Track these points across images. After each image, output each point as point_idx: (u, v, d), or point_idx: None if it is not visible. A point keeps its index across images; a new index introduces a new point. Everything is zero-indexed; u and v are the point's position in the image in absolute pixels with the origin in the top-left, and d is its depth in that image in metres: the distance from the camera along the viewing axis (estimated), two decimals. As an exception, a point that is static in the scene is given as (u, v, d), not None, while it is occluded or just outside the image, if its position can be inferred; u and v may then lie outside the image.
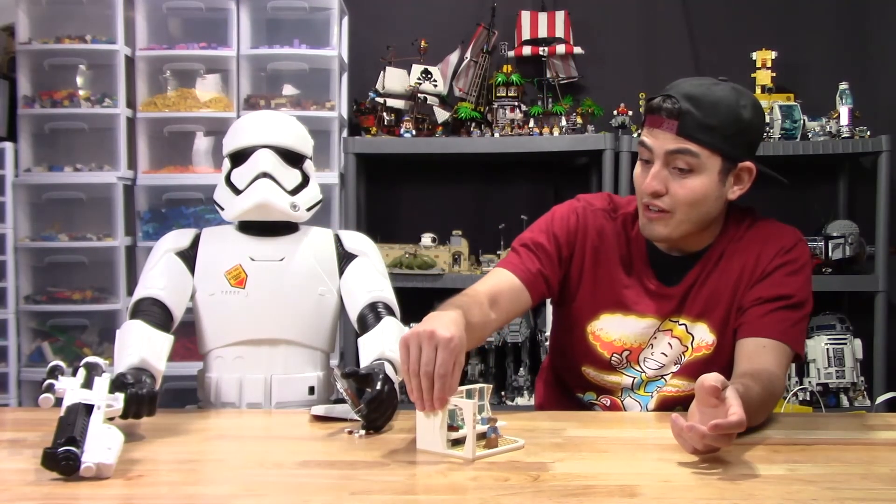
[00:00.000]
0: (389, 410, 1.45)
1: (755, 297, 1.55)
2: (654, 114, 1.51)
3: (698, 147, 1.48)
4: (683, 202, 1.51)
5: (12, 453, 1.29)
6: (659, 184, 1.51)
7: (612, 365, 1.64)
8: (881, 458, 1.26)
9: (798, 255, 1.58)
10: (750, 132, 1.53)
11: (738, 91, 1.52)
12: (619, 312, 1.62)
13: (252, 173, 1.72)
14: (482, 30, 3.23)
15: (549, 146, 3.00)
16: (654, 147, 1.51)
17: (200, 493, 1.13)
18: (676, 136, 1.48)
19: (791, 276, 1.55)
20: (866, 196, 3.11)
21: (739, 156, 1.52)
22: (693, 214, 1.53)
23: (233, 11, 3.05)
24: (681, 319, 1.61)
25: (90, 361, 1.33)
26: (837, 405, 2.98)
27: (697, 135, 1.47)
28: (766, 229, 1.62)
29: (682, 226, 1.54)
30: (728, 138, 1.49)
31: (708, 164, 1.49)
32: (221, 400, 1.72)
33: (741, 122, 1.50)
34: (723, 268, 1.59)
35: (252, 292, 1.72)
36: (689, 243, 1.61)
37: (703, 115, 1.47)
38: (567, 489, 1.09)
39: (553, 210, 1.69)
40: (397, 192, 3.41)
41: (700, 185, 1.50)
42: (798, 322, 1.54)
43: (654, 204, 1.53)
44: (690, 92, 1.49)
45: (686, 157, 1.48)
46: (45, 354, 2.99)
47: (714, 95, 1.49)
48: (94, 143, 3.05)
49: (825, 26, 3.32)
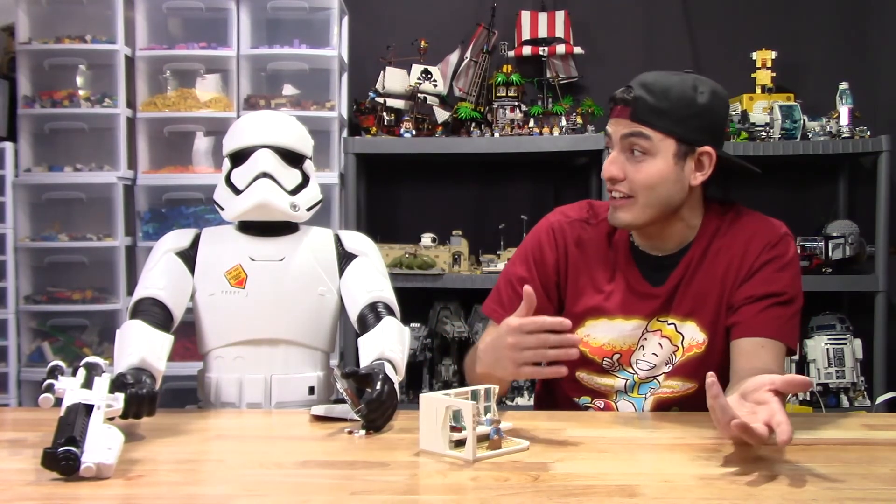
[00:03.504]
0: (389, 410, 1.44)
1: (746, 296, 1.55)
2: (613, 104, 1.56)
3: (650, 130, 1.51)
4: (641, 186, 1.53)
5: (12, 453, 1.29)
6: (616, 169, 1.54)
7: (605, 368, 1.64)
8: (881, 458, 1.26)
9: (785, 250, 1.58)
10: (706, 117, 1.54)
11: (697, 79, 1.55)
12: (603, 317, 1.63)
13: (252, 173, 1.72)
14: (482, 30, 3.23)
15: (549, 146, 3.00)
16: (612, 134, 1.56)
17: (200, 493, 1.13)
18: (630, 122, 1.52)
19: (780, 272, 1.56)
20: (866, 196, 3.11)
21: (696, 140, 1.53)
22: (653, 198, 1.54)
23: (233, 11, 3.05)
24: (669, 319, 1.61)
25: (90, 361, 1.33)
26: (837, 405, 2.99)
27: (648, 118, 1.51)
28: (751, 224, 1.61)
29: (646, 210, 1.55)
30: (681, 121, 1.51)
31: (661, 147, 1.51)
32: (221, 400, 1.72)
33: (694, 105, 1.52)
34: (708, 265, 1.59)
35: (252, 292, 1.72)
36: (667, 238, 1.61)
37: (654, 99, 1.51)
38: (567, 489, 1.09)
39: (531, 232, 1.74)
40: (397, 192, 3.41)
41: (655, 169, 1.52)
42: (791, 318, 1.55)
43: (616, 189, 1.56)
44: (645, 80, 1.54)
45: (639, 140, 1.52)
46: (45, 354, 2.99)
47: (668, 81, 1.53)
48: (94, 143, 3.05)
49: (825, 26, 3.32)
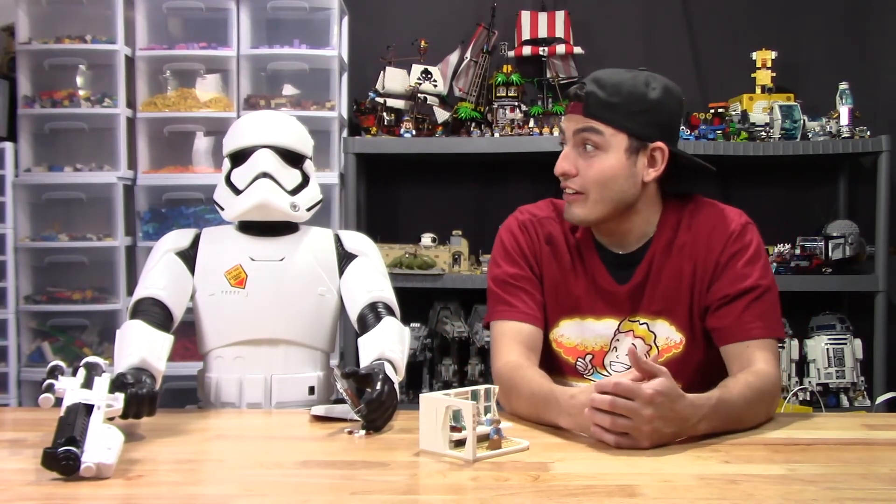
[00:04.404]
0: (389, 410, 1.44)
1: (721, 296, 1.54)
2: (568, 101, 1.57)
3: (601, 125, 1.51)
4: (593, 181, 1.53)
5: (12, 453, 1.29)
6: (568, 164, 1.55)
7: (579, 371, 1.63)
8: (881, 458, 1.26)
9: (749, 240, 1.57)
10: (658, 113, 1.54)
11: (650, 76, 1.56)
12: (576, 316, 1.63)
13: (252, 173, 1.72)
14: (482, 30, 3.23)
15: (549, 146, 3.00)
16: (565, 129, 1.56)
17: (200, 493, 1.13)
18: (582, 117, 1.52)
19: (749, 266, 1.55)
20: (866, 196, 3.11)
21: (648, 136, 1.53)
22: (606, 194, 1.53)
23: (233, 11, 3.05)
24: (640, 318, 1.60)
25: (90, 361, 1.33)
26: (837, 405, 2.99)
27: (600, 113, 1.51)
28: (711, 217, 1.60)
29: (598, 206, 1.54)
30: (632, 115, 1.51)
31: (613, 142, 1.52)
32: (221, 400, 1.72)
33: (646, 101, 1.52)
34: (674, 262, 1.58)
35: (252, 292, 1.72)
36: (625, 234, 1.60)
37: (606, 94, 1.51)
38: (567, 489, 1.09)
39: (501, 231, 1.71)
40: (397, 192, 3.41)
41: (607, 164, 1.52)
42: (770, 309, 1.54)
43: (568, 186, 1.56)
44: (598, 76, 1.54)
45: (591, 136, 1.52)
46: (45, 354, 2.99)
47: (619, 77, 1.54)
48: (94, 143, 3.05)
49: (825, 26, 3.32)
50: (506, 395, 1.53)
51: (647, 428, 1.25)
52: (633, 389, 1.23)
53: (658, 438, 1.27)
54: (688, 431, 1.30)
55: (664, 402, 1.24)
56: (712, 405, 1.33)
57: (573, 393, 1.37)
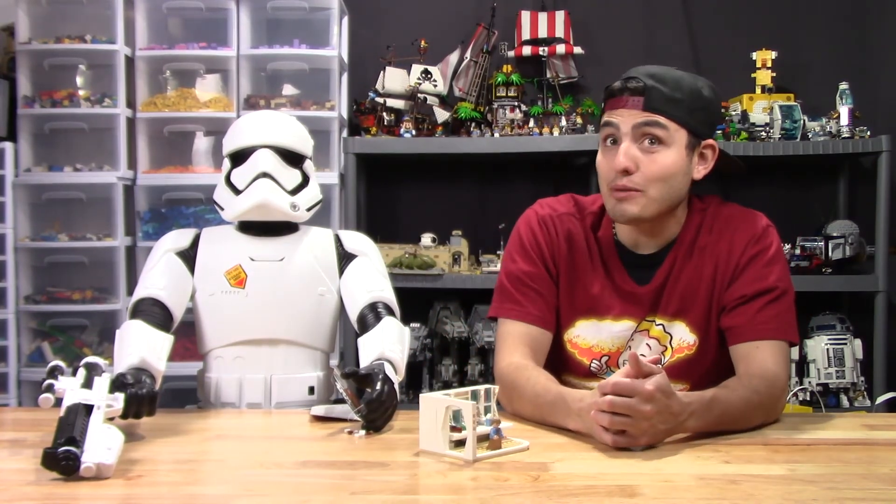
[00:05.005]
0: (389, 410, 1.44)
1: (738, 296, 1.54)
2: (616, 96, 1.52)
3: (666, 119, 1.49)
4: (655, 178, 1.50)
5: (12, 453, 1.30)
6: (629, 161, 1.49)
7: (593, 371, 1.62)
8: (881, 458, 1.26)
9: (769, 242, 1.57)
10: (710, 110, 1.56)
11: (693, 75, 1.57)
12: (593, 317, 1.61)
13: (252, 173, 1.72)
14: (482, 30, 3.23)
15: (549, 146, 3.00)
16: (620, 124, 1.51)
17: (200, 493, 1.13)
18: (643, 111, 1.49)
19: (767, 267, 1.54)
20: (866, 196, 3.11)
21: (703, 133, 1.54)
22: (665, 191, 1.51)
23: (233, 11, 3.05)
24: (657, 319, 1.59)
25: (90, 361, 1.32)
26: (837, 405, 2.98)
27: (664, 108, 1.49)
28: (733, 218, 1.60)
29: (653, 205, 1.52)
30: (693, 112, 1.51)
31: (676, 137, 1.50)
32: (221, 400, 1.72)
33: (703, 98, 1.53)
34: (695, 264, 1.58)
35: (252, 292, 1.72)
36: (656, 234, 1.59)
37: (668, 89, 1.50)
38: (567, 489, 1.09)
39: (519, 224, 1.67)
40: (397, 192, 3.41)
41: (671, 160, 1.50)
42: (785, 312, 1.54)
43: (624, 185, 1.50)
44: (652, 72, 1.52)
45: (655, 130, 1.49)
46: (45, 354, 2.99)
47: (675, 74, 1.54)
48: (94, 143, 3.05)
49: (825, 26, 3.32)
50: (508, 396, 1.53)
51: (646, 424, 1.25)
52: (632, 387, 1.24)
53: (654, 435, 1.27)
54: (678, 428, 1.31)
55: (661, 398, 1.25)
56: (705, 403, 1.33)
57: (581, 395, 1.37)
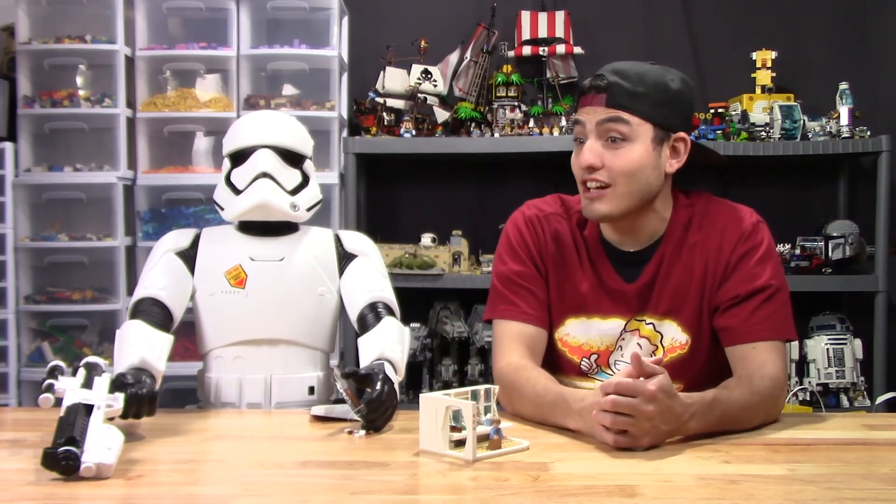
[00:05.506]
0: (389, 410, 1.44)
1: (731, 296, 1.53)
2: (584, 94, 1.54)
3: (628, 115, 1.49)
4: (620, 172, 1.50)
5: (12, 453, 1.30)
6: (594, 157, 1.50)
7: (584, 370, 1.62)
8: (881, 458, 1.26)
9: (760, 239, 1.56)
10: (679, 103, 1.54)
11: (665, 68, 1.56)
12: (583, 315, 1.61)
13: (252, 173, 1.72)
14: (482, 30, 3.23)
15: (549, 146, 3.00)
16: (585, 121, 1.53)
17: (200, 493, 1.13)
18: (606, 108, 1.50)
19: (759, 265, 1.53)
20: (866, 196, 3.11)
21: (672, 126, 1.53)
22: (633, 186, 1.51)
23: (233, 11, 3.05)
24: (647, 318, 1.59)
25: (90, 361, 1.33)
26: (837, 405, 2.98)
27: (626, 103, 1.49)
28: (722, 215, 1.59)
29: (624, 200, 1.52)
30: (657, 106, 1.50)
31: (640, 131, 1.50)
32: (221, 400, 1.72)
33: (669, 91, 1.52)
34: (685, 262, 1.57)
35: (252, 292, 1.72)
36: (639, 231, 1.59)
37: (630, 84, 1.49)
38: (567, 489, 1.09)
39: (507, 226, 1.69)
40: (397, 192, 3.41)
41: (636, 154, 1.50)
42: (780, 310, 1.53)
43: (593, 179, 1.52)
44: (617, 67, 1.52)
45: (617, 126, 1.49)
46: (45, 354, 2.99)
47: (640, 68, 1.53)
48: (94, 143, 3.05)
49: (825, 26, 3.32)
50: (508, 396, 1.53)
51: (648, 425, 1.25)
52: (635, 387, 1.24)
53: (656, 436, 1.27)
54: (680, 430, 1.30)
55: (664, 398, 1.24)
56: (706, 404, 1.33)
57: (583, 395, 1.37)
